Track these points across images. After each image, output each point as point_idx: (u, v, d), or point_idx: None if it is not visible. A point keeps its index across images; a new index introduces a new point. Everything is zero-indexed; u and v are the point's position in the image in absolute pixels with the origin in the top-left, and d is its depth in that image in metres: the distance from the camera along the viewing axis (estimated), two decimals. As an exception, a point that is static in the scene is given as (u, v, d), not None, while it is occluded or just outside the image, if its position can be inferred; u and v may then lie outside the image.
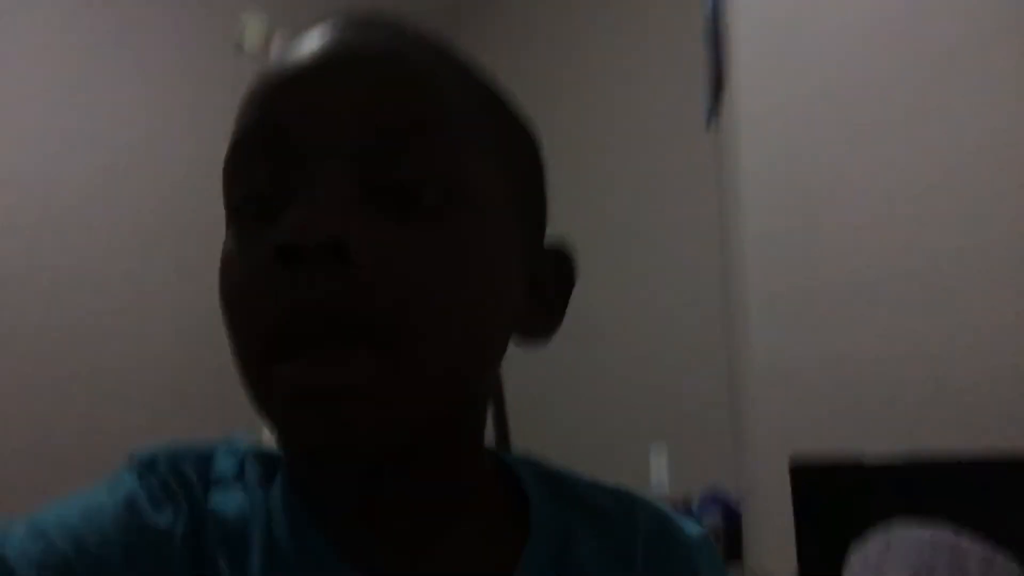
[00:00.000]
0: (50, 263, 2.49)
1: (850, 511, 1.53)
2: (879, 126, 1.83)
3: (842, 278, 1.82)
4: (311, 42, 0.40)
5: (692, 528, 0.52)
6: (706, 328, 2.90)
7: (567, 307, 0.48)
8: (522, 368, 0.40)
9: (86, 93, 2.67)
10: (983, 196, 1.73)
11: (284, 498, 0.43)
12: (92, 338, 2.54)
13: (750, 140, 1.96)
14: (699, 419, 2.90)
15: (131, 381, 2.59)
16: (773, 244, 1.90)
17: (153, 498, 0.41)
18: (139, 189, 2.73)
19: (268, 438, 0.45)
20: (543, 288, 0.46)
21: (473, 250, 0.39)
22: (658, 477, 2.98)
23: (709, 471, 2.74)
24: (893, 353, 1.75)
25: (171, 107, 2.84)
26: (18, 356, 2.38)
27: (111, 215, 2.66)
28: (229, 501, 0.42)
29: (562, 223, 0.54)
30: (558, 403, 3.12)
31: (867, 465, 1.56)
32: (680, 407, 2.96)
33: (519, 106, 0.46)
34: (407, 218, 0.38)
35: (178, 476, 0.42)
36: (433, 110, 0.39)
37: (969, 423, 1.65)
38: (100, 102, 2.69)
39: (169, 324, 2.70)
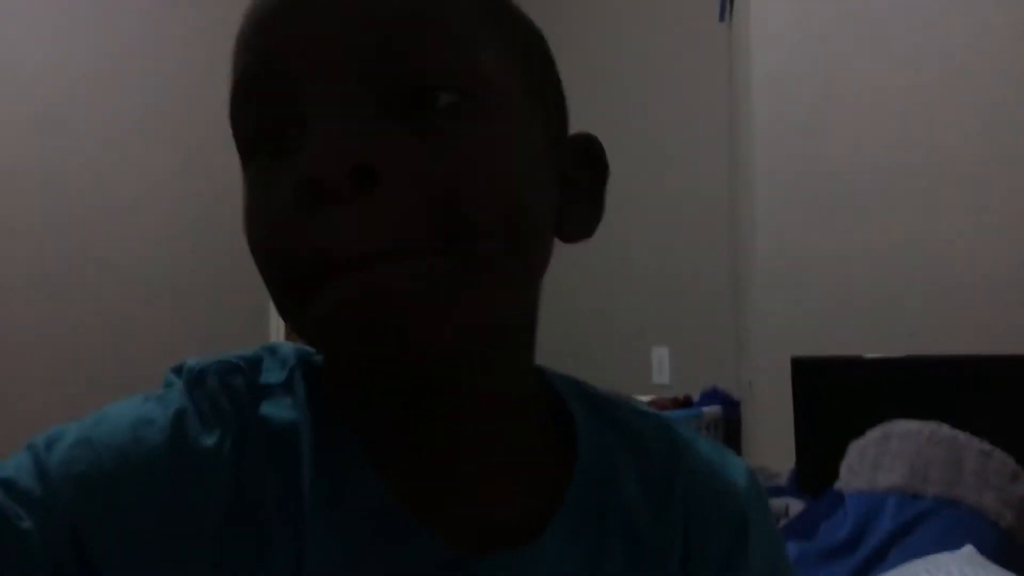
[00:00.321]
0: (50, 157, 2.45)
1: (849, 407, 1.54)
2: (888, 22, 1.77)
3: (847, 176, 1.79)
4: None
5: (740, 469, 0.49)
6: (711, 229, 2.89)
7: (605, 196, 0.45)
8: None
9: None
10: (988, 97, 1.68)
11: (331, 418, 0.42)
12: (94, 231, 2.53)
13: (760, 36, 1.90)
14: (701, 320, 2.92)
15: (133, 274, 2.59)
16: (780, 142, 1.87)
17: (202, 415, 0.40)
18: (140, 78, 2.66)
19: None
20: (577, 180, 0.44)
21: (500, 148, 0.37)
22: (660, 377, 3.02)
23: (710, 372, 2.78)
24: (895, 253, 1.74)
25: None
26: (18, 248, 2.37)
27: (112, 106, 2.60)
28: (279, 412, 0.41)
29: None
30: (561, 304, 3.14)
31: (866, 361, 1.57)
32: (683, 308, 2.98)
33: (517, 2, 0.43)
34: (427, 127, 0.35)
35: (228, 390, 0.41)
36: (432, 8, 0.37)
37: (969, 324, 1.65)
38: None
39: (174, 216, 2.69)
